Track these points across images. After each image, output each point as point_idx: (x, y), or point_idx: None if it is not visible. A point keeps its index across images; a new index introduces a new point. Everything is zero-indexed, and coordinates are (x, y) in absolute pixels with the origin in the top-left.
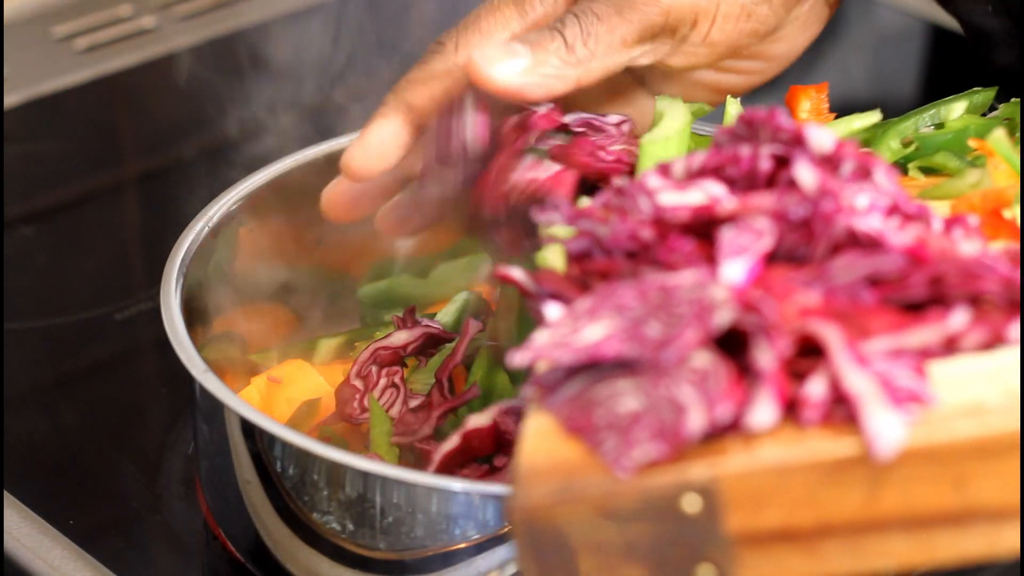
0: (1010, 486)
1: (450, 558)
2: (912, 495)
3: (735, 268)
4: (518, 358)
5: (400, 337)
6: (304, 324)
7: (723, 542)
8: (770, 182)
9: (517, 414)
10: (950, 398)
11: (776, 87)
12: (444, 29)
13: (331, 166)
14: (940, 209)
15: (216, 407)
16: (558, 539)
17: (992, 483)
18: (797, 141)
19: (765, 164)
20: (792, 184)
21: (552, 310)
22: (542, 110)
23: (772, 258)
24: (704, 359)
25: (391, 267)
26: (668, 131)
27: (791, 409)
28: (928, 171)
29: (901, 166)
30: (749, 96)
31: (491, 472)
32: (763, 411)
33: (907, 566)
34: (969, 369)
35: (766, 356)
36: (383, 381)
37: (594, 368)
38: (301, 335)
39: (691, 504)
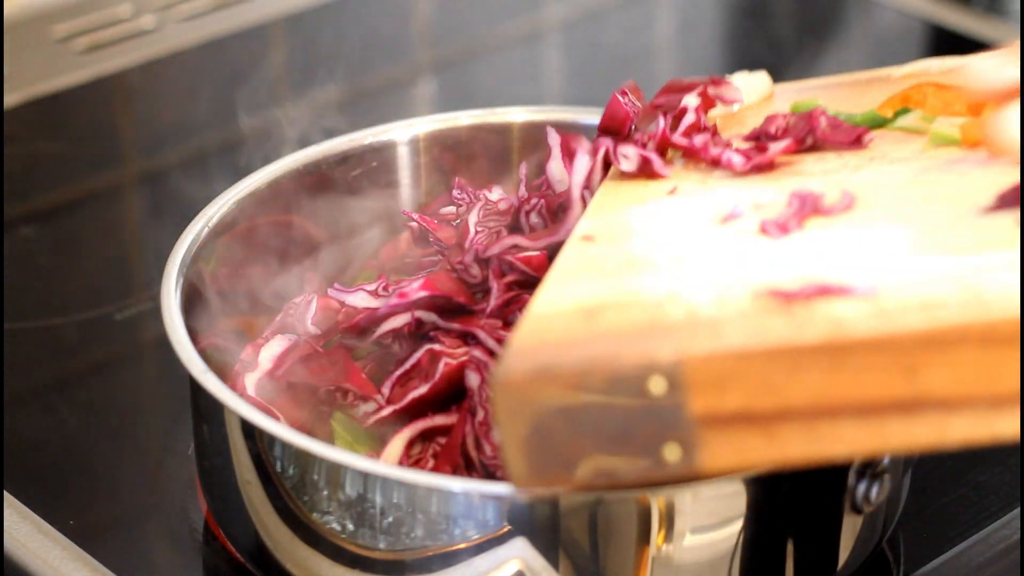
0: (959, 376)
1: (450, 558)
2: (864, 383)
3: None
4: None
5: None
6: None
7: (687, 423)
8: None
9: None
10: (905, 291)
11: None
12: (441, 30)
13: (332, 166)
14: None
15: (216, 407)
16: (534, 413)
17: (942, 373)
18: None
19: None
20: None
21: None
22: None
23: None
24: None
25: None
26: None
27: None
28: None
29: None
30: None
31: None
32: None
33: (860, 452)
34: (925, 267)
35: None
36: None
37: None
38: None
39: (657, 385)
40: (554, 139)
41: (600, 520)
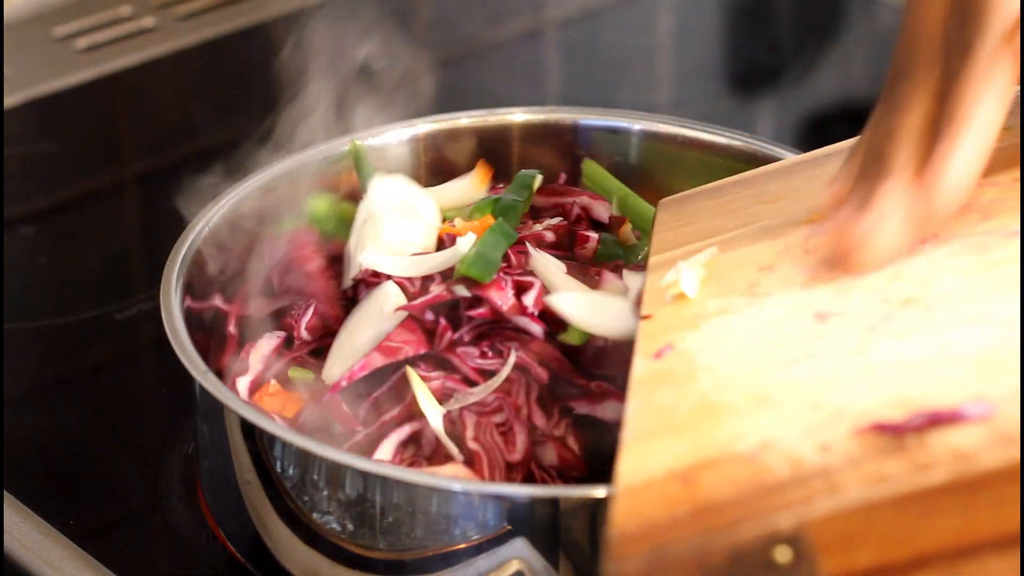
0: None
1: (450, 558)
2: (1005, 515)
3: None
4: None
5: None
6: None
7: None
8: None
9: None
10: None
11: (778, 93)
12: (441, 30)
13: (332, 166)
14: None
15: (216, 407)
16: None
17: None
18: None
19: None
20: None
21: None
22: None
23: None
24: None
25: None
26: None
27: None
28: None
29: None
30: (750, 107)
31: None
32: None
33: None
34: None
35: None
36: None
37: None
38: None
39: (783, 555)
40: None
41: (600, 520)
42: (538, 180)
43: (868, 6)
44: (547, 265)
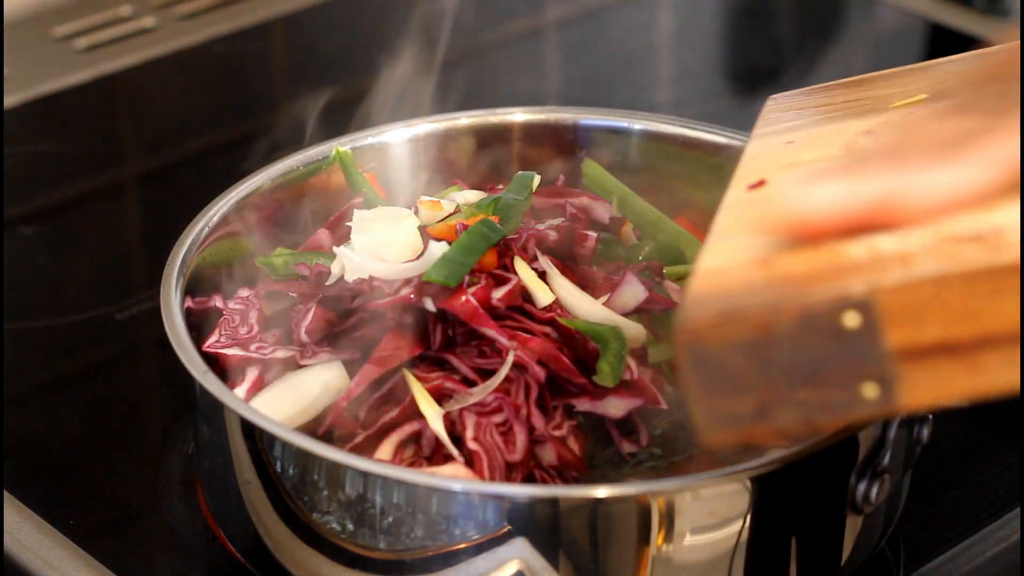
0: None
1: (450, 558)
2: None
3: None
4: None
5: None
6: None
7: (884, 358)
8: None
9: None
10: None
11: (776, 89)
12: (441, 30)
13: (330, 166)
14: None
15: (216, 407)
16: (722, 361)
17: None
18: None
19: None
20: None
21: None
22: None
23: None
24: None
25: None
26: None
27: None
28: None
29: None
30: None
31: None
32: None
33: None
34: None
35: None
36: None
37: None
38: None
39: (851, 320)
40: None
41: (600, 520)
42: (536, 180)
43: (868, 6)
44: (559, 282)
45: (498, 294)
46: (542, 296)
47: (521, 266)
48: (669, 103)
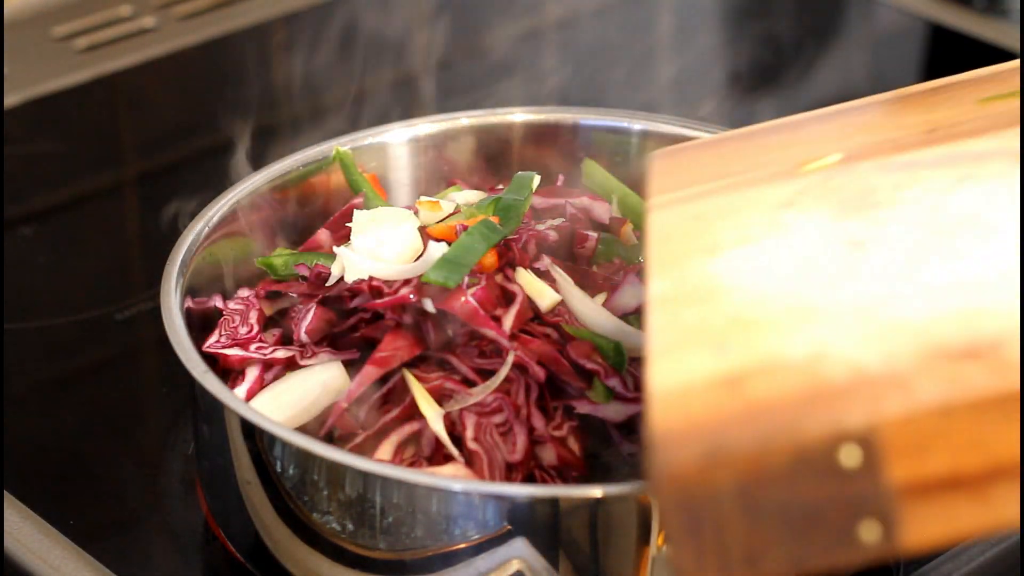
0: None
1: (450, 558)
2: None
3: None
4: None
5: None
6: None
7: (886, 495)
8: None
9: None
10: None
11: (778, 93)
12: (441, 30)
13: (330, 166)
14: None
15: (216, 407)
16: (708, 505)
17: None
18: None
19: None
20: None
21: None
22: None
23: None
24: None
25: None
26: None
27: None
28: None
29: None
30: (750, 107)
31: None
32: None
33: None
34: None
35: None
36: None
37: None
38: None
39: (849, 456)
40: None
41: (600, 520)
42: (536, 180)
43: (868, 6)
44: (565, 287)
45: (508, 321)
46: (545, 301)
47: (522, 275)
48: (669, 103)
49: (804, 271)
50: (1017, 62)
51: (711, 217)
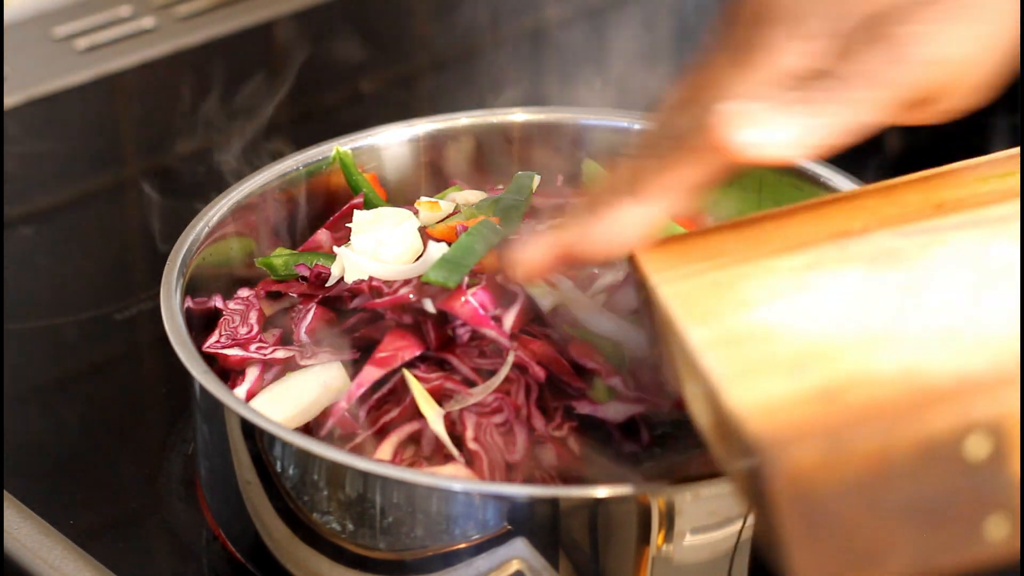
0: None
1: (450, 558)
2: None
3: None
4: None
5: None
6: None
7: (1016, 488)
8: None
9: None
10: None
11: None
12: (441, 30)
13: (331, 166)
14: None
15: (216, 407)
16: (828, 507)
17: None
18: None
19: None
20: None
21: None
22: None
23: None
24: None
25: None
26: None
27: None
28: None
29: None
30: None
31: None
32: None
33: None
34: None
35: None
36: None
37: None
38: None
39: (978, 447)
40: None
41: (600, 520)
42: (536, 180)
43: None
44: (567, 289)
45: (508, 321)
46: (545, 302)
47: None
48: None
49: (859, 310)
50: (1013, 150)
51: (730, 283)
